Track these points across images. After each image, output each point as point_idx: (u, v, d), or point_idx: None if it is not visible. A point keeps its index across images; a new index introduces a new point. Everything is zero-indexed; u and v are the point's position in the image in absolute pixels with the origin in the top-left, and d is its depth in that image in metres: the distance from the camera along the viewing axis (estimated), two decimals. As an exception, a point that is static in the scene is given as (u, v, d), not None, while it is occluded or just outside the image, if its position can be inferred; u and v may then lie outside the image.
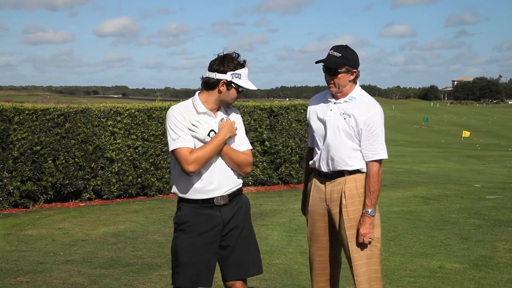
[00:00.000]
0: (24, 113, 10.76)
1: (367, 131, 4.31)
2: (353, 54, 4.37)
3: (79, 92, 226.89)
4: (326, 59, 4.35)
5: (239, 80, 3.92)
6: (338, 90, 4.38)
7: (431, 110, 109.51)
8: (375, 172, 4.34)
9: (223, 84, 3.92)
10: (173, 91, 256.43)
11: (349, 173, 4.39)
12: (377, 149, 4.34)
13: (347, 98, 4.39)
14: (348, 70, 4.34)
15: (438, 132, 60.86)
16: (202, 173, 3.91)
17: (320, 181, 4.50)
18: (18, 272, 6.67)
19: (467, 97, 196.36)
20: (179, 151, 3.85)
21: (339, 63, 4.31)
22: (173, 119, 3.90)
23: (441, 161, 25.67)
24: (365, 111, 4.33)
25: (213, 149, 3.86)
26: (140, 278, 6.47)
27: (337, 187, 4.41)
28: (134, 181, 12.08)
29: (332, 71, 4.33)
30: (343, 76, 4.34)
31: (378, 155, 4.34)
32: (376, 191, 4.35)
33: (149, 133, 12.22)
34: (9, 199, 10.70)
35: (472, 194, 13.12)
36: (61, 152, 11.14)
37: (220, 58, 3.94)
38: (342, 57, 4.32)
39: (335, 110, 4.40)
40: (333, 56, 4.33)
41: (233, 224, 4.00)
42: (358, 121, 4.32)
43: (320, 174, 4.49)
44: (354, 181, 4.39)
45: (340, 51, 4.34)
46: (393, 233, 8.91)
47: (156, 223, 9.59)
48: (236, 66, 3.92)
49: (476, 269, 6.90)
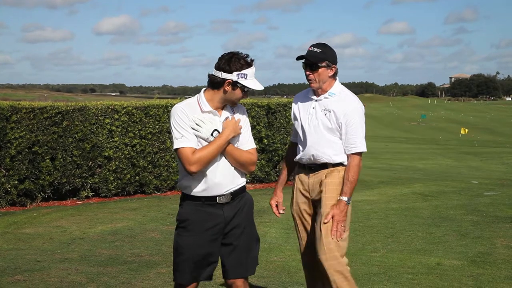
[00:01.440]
0: (22, 111, 10.74)
1: (346, 125, 4.48)
2: (332, 51, 4.55)
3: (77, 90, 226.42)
4: (306, 54, 4.50)
5: (244, 80, 3.89)
6: (318, 85, 4.53)
7: (428, 107, 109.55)
8: (355, 163, 4.50)
9: (228, 84, 3.89)
10: (171, 88, 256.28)
11: (332, 166, 4.54)
12: (356, 142, 4.49)
13: (327, 94, 4.56)
14: (328, 65, 4.50)
15: (436, 129, 60.90)
16: (206, 171, 3.90)
17: (304, 173, 4.66)
18: (16, 270, 6.65)
19: (465, 93, 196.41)
20: (182, 150, 3.83)
21: (320, 58, 4.48)
22: (177, 118, 3.88)
23: (439, 158, 25.69)
24: (344, 106, 4.50)
25: (216, 149, 3.85)
26: (138, 276, 6.46)
27: (319, 177, 4.57)
28: (131, 179, 12.07)
29: (313, 66, 4.48)
30: (323, 71, 4.49)
31: (356, 148, 4.50)
32: (354, 182, 4.48)
33: (146, 131, 12.20)
34: (6, 198, 10.69)
35: (470, 191, 13.14)
36: (58, 151, 11.12)
37: (227, 57, 3.90)
38: (322, 52, 4.49)
39: (317, 107, 4.57)
40: (313, 52, 4.49)
41: (236, 223, 3.99)
42: (338, 116, 4.48)
43: (304, 167, 4.65)
44: (337, 172, 4.54)
45: (319, 47, 4.52)
46: (391, 230, 8.91)
47: (154, 221, 9.58)
48: (243, 66, 3.88)
49: (474, 265, 6.90)
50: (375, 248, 7.77)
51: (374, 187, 13.92)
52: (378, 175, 16.77)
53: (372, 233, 8.71)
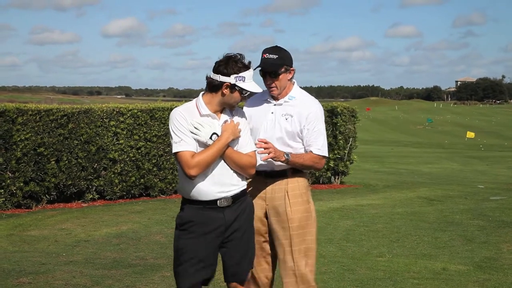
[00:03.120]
0: (28, 113, 10.76)
1: (308, 129, 4.34)
2: (286, 53, 4.40)
3: (83, 92, 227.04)
4: (264, 64, 4.33)
5: (243, 83, 3.87)
6: (279, 91, 4.39)
7: (434, 110, 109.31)
8: (314, 157, 4.33)
9: (226, 87, 3.88)
10: (176, 91, 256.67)
11: (292, 174, 4.39)
12: (319, 145, 4.36)
13: (287, 98, 4.42)
14: (286, 69, 4.36)
15: (442, 133, 60.75)
16: (206, 175, 3.89)
17: (259, 180, 4.42)
18: (20, 273, 6.65)
19: (471, 97, 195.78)
20: (181, 154, 3.82)
21: (278, 65, 4.32)
22: (175, 122, 3.87)
23: (445, 162, 25.63)
24: (306, 109, 4.36)
25: (215, 152, 3.83)
26: (143, 279, 6.45)
27: (280, 186, 4.39)
28: (137, 181, 12.08)
29: (272, 74, 4.33)
30: (283, 77, 4.36)
31: (321, 152, 4.36)
32: (304, 162, 4.30)
33: (151, 134, 12.21)
34: (12, 200, 10.70)
35: (476, 195, 13.09)
36: (64, 153, 11.13)
37: (224, 60, 3.89)
38: (279, 58, 4.33)
39: (277, 112, 4.40)
40: (270, 59, 4.32)
41: (236, 226, 3.99)
42: (300, 120, 4.35)
43: (260, 173, 4.38)
44: (297, 182, 4.40)
45: (275, 52, 4.34)
46: (397, 234, 8.88)
47: (159, 224, 9.57)
48: (240, 69, 3.86)
49: (480, 271, 6.87)
50: (380, 252, 7.74)
51: (380, 191, 13.89)
52: (383, 179, 16.73)
53: (377, 237, 8.68)
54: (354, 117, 15.22)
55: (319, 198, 12.28)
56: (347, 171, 15.18)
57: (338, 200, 12.32)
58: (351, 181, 15.51)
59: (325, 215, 10.32)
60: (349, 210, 11.04)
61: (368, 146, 35.58)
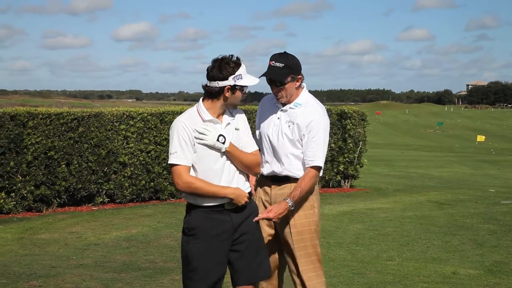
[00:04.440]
0: (38, 117, 10.82)
1: (308, 137, 4.31)
2: (294, 60, 4.34)
3: (93, 96, 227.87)
4: (269, 72, 4.30)
5: (241, 80, 3.90)
6: (286, 99, 4.37)
7: (445, 114, 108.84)
8: (311, 175, 4.31)
9: (227, 90, 3.89)
10: (187, 95, 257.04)
11: (295, 180, 4.37)
12: (315, 155, 4.31)
13: (293, 105, 4.39)
14: (293, 78, 4.31)
15: (452, 137, 60.45)
16: (212, 180, 3.90)
17: (266, 184, 4.48)
18: (31, 276, 6.68)
19: (482, 101, 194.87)
20: (175, 168, 3.89)
21: (284, 74, 4.28)
22: (175, 132, 3.90)
23: (455, 166, 25.51)
24: (308, 117, 4.33)
25: (211, 193, 3.87)
26: (152, 283, 6.47)
27: (283, 191, 4.39)
28: (146, 185, 12.10)
29: (278, 83, 4.30)
30: (290, 85, 4.32)
31: (313, 162, 4.31)
32: (304, 191, 4.28)
33: (161, 137, 12.24)
34: (22, 203, 10.75)
35: (486, 199, 13.02)
36: (74, 156, 11.18)
37: (217, 65, 3.88)
38: (285, 66, 4.28)
39: (282, 118, 4.40)
40: (276, 68, 4.28)
41: (244, 229, 3.99)
42: (300, 127, 4.33)
43: (266, 177, 4.46)
44: None
45: (282, 60, 4.29)
46: (407, 238, 8.85)
47: (169, 227, 9.59)
48: (234, 68, 3.87)
49: (490, 275, 6.83)
50: (390, 256, 7.72)
51: (390, 195, 13.85)
52: (393, 183, 16.68)
53: (387, 241, 8.65)
54: (364, 121, 15.19)
55: (329, 201, 12.26)
56: (357, 175, 15.15)
57: (348, 203, 12.30)
58: (361, 184, 15.47)
59: (334, 219, 10.31)
60: (359, 213, 11.01)
61: (378, 149, 35.47)
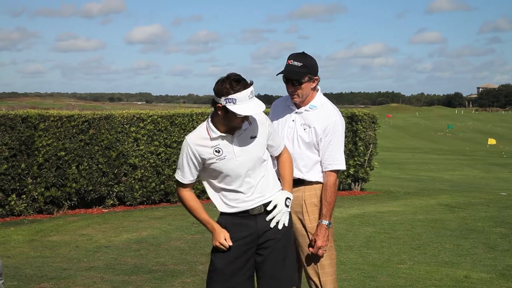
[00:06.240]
0: (49, 119, 10.86)
1: (326, 141, 4.24)
2: (312, 61, 4.27)
3: (103, 99, 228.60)
4: (287, 70, 4.23)
5: (233, 105, 3.63)
6: (301, 99, 4.30)
7: (455, 117, 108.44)
8: (332, 182, 4.24)
9: (219, 108, 3.74)
10: (196, 97, 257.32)
11: (309, 183, 4.31)
12: (334, 159, 4.25)
13: (308, 107, 4.31)
14: (310, 78, 4.24)
15: (463, 140, 60.23)
16: (237, 188, 3.87)
17: None
18: (42, 278, 6.70)
19: (492, 104, 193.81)
20: (177, 183, 4.01)
21: (301, 73, 4.21)
22: (184, 151, 3.94)
23: (466, 169, 25.39)
24: (324, 120, 4.26)
25: (199, 218, 3.94)
26: (163, 285, 6.46)
27: (297, 194, 4.30)
28: (157, 187, 12.12)
29: (295, 82, 4.23)
30: (306, 86, 4.24)
31: (335, 165, 4.25)
32: (332, 202, 4.23)
33: (171, 140, 12.25)
34: (33, 205, 10.79)
35: (498, 203, 12.94)
36: (85, 159, 11.21)
37: (220, 80, 3.73)
38: (303, 66, 4.20)
39: (297, 120, 4.33)
40: (294, 66, 4.21)
41: (271, 235, 3.91)
42: (317, 131, 4.25)
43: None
44: (314, 190, 4.31)
45: (300, 59, 4.22)
46: (418, 241, 8.80)
47: (179, 230, 9.59)
48: (229, 91, 3.63)
49: (503, 279, 6.78)
50: (401, 260, 7.68)
51: (400, 198, 13.80)
52: (404, 186, 16.62)
53: (398, 244, 8.61)
54: (374, 124, 15.15)
55: (339, 204, 12.22)
56: (367, 178, 15.11)
57: (359, 206, 12.26)
58: (372, 187, 15.42)
59: (345, 222, 10.27)
60: (370, 217, 10.97)
61: (388, 152, 35.38)
